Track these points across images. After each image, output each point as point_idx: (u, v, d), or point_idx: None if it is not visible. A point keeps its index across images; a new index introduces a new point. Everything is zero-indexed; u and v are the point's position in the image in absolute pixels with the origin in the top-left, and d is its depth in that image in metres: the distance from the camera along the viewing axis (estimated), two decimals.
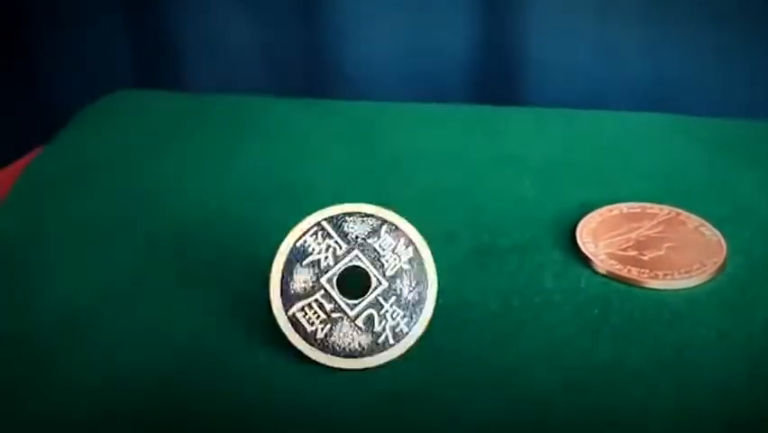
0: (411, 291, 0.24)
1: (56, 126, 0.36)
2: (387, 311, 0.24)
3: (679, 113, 0.36)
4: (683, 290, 0.26)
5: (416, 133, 0.34)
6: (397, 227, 0.25)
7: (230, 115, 0.36)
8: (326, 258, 0.25)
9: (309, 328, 0.24)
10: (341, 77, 0.43)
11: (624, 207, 0.29)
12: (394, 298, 0.24)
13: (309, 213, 0.26)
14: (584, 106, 0.37)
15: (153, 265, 0.28)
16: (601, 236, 0.28)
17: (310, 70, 0.44)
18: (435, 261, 0.26)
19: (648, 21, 0.40)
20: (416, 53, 0.43)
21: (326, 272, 0.25)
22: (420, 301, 0.24)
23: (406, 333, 0.24)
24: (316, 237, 0.25)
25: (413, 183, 0.31)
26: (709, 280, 0.26)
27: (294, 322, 0.24)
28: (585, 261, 0.27)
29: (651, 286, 0.26)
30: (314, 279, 0.25)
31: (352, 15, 0.42)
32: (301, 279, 0.25)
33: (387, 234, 0.25)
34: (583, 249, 0.27)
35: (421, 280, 0.25)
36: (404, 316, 0.24)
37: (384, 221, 0.25)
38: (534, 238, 0.28)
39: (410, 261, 0.25)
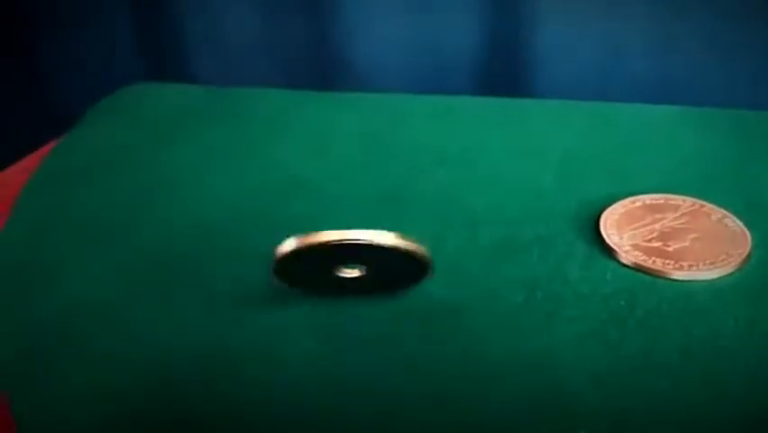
0: None
1: (65, 122, 0.35)
2: None
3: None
4: (709, 281, 0.26)
5: (434, 126, 0.34)
6: None
7: (246, 108, 0.36)
8: None
9: None
10: (347, 71, 0.43)
11: (646, 198, 0.29)
12: None
13: (328, 207, 0.27)
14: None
15: (166, 262, 0.27)
16: (625, 228, 0.28)
17: (317, 65, 0.44)
18: (457, 253, 0.25)
19: (654, 17, 0.41)
20: (422, 47, 0.43)
21: None
22: None
23: None
24: None
25: (433, 175, 0.31)
26: (735, 272, 0.26)
27: None
28: (609, 252, 0.27)
29: (676, 277, 0.26)
30: None
31: (358, 9, 0.42)
32: None
33: None
34: (608, 240, 0.27)
35: None
36: None
37: None
38: (557, 230, 0.28)
39: None
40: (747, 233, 0.28)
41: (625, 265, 0.27)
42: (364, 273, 0.25)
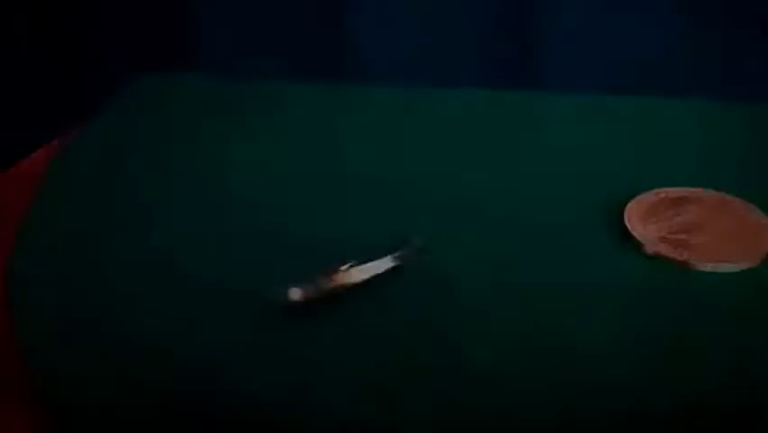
0: None
1: (74, 119, 0.35)
2: None
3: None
4: (734, 273, 0.26)
5: (458, 118, 0.34)
6: None
7: (259, 102, 0.36)
8: None
9: None
10: (358, 66, 0.43)
11: (669, 191, 0.29)
12: None
13: (346, 202, 0.27)
14: (599, 92, 0.37)
15: (188, 255, 0.27)
16: (649, 220, 0.28)
17: (326, 56, 0.43)
18: (481, 245, 0.26)
19: (661, 9, 0.41)
20: (432, 40, 0.42)
21: None
22: None
23: None
24: None
25: (454, 169, 0.31)
26: (760, 264, 0.26)
27: None
28: (635, 244, 0.27)
29: (702, 269, 0.26)
30: None
31: (367, 4, 0.42)
32: None
33: None
34: (633, 233, 0.27)
35: None
36: None
37: None
38: (582, 222, 0.28)
39: None
40: None
41: (650, 257, 0.27)
42: None
